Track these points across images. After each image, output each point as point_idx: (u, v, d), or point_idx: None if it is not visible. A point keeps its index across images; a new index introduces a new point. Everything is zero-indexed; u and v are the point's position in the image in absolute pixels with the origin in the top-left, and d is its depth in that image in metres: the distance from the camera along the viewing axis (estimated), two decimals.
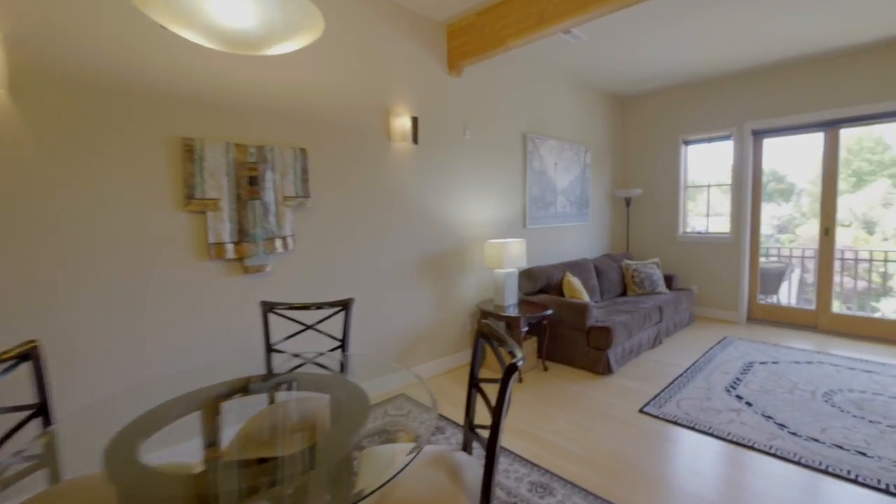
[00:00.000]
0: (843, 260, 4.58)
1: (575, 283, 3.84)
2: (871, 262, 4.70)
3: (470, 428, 1.57)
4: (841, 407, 2.74)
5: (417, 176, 3.21)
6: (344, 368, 1.91)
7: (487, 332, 1.55)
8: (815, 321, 4.50)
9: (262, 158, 2.35)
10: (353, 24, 2.76)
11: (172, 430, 1.38)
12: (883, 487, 1.97)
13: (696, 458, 2.23)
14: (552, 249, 4.58)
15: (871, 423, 2.53)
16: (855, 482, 2.01)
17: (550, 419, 2.65)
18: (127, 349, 2.00)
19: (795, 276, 5.25)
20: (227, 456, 1.41)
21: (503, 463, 2.18)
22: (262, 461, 1.35)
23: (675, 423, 2.58)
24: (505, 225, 3.98)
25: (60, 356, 1.85)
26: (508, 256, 3.41)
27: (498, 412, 1.24)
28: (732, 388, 3.06)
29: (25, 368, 1.69)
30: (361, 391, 1.55)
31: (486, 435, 1.27)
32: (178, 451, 1.61)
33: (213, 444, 1.43)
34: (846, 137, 4.27)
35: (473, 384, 1.57)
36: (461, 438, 2.40)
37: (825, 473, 2.08)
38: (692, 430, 2.50)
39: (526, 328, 3.29)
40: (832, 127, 4.25)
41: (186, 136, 2.13)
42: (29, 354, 1.37)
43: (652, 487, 1.99)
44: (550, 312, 3.37)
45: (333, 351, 2.01)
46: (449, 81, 3.41)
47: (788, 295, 5.22)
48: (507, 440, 2.42)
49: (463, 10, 3.13)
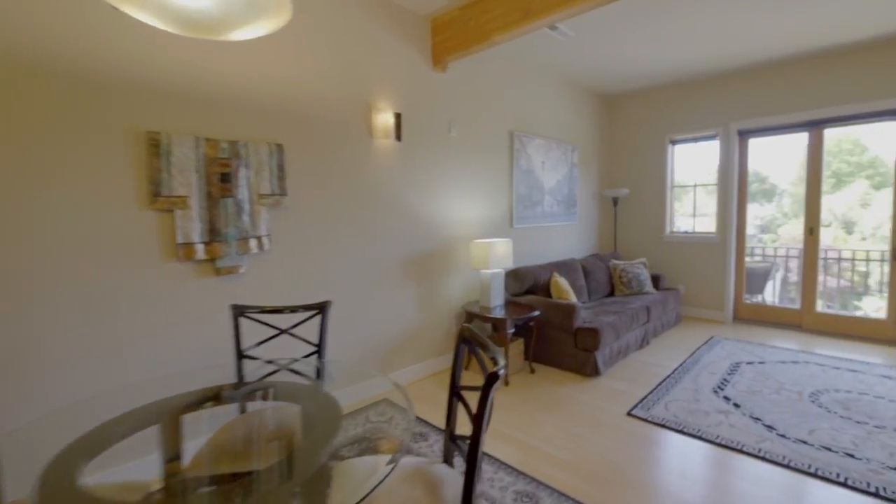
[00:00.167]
0: (825, 259, 4.61)
1: (562, 283, 3.78)
2: (853, 261, 4.74)
3: (451, 438, 1.49)
4: (828, 407, 2.72)
5: (401, 174, 3.11)
6: (319, 375, 1.81)
7: (469, 336, 1.47)
8: (799, 320, 4.52)
9: (234, 154, 2.24)
10: (332, 14, 2.66)
11: (128, 445, 1.27)
12: (872, 491, 1.94)
13: (685, 462, 2.17)
14: (539, 249, 4.52)
15: (857, 423, 2.52)
16: (844, 485, 1.98)
17: (537, 424, 2.58)
18: (85, 358, 1.87)
19: (780, 275, 5.28)
20: (187, 472, 1.31)
21: (488, 471, 2.10)
22: (226, 477, 1.26)
23: (663, 426, 2.53)
24: (492, 224, 3.91)
25: (10, 366, 1.72)
26: (495, 256, 3.33)
27: (478, 424, 1.16)
28: (720, 389, 3.03)
29: None
30: (333, 400, 1.46)
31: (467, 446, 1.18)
32: (133, 468, 1.50)
33: (173, 459, 1.32)
34: (826, 139, 4.29)
35: (454, 392, 1.49)
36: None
37: (814, 477, 2.04)
38: (681, 433, 2.45)
39: (513, 330, 3.22)
40: (816, 127, 4.26)
41: (152, 129, 2.00)
42: None
43: (640, 494, 1.93)
44: (537, 314, 3.30)
45: (309, 357, 1.90)
46: (433, 77, 3.33)
47: (773, 294, 5.25)
48: (492, 446, 2.34)
49: (447, 3, 3.04)
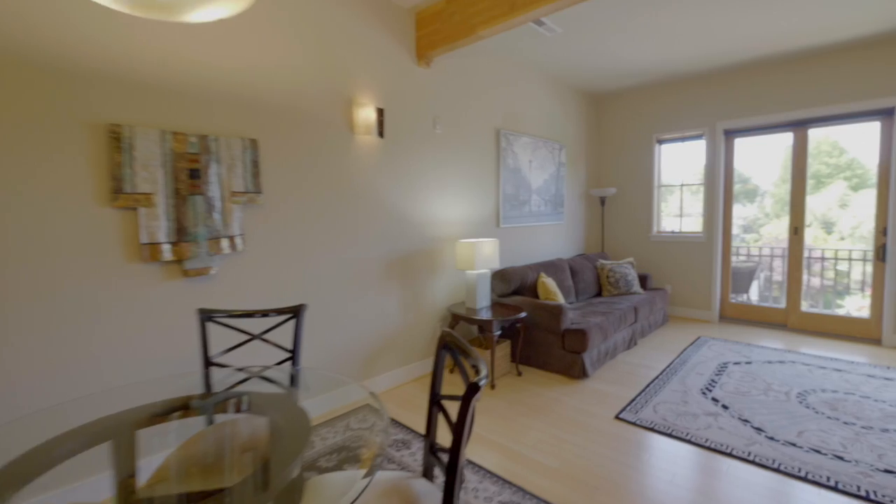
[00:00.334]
0: (809, 259, 4.64)
1: (549, 284, 3.72)
2: (836, 260, 4.78)
3: (431, 450, 1.40)
4: (815, 408, 2.70)
5: (384, 171, 3.01)
6: (292, 383, 1.70)
7: (450, 341, 1.38)
8: (784, 319, 4.53)
9: (204, 149, 2.12)
10: (309, 2, 2.55)
11: (76, 464, 1.15)
12: (862, 494, 1.90)
13: (674, 467, 2.12)
14: (526, 249, 4.46)
15: (845, 424, 2.49)
16: (835, 489, 1.94)
17: (524, 429, 2.50)
18: (38, 368, 1.74)
19: (764, 275, 5.31)
20: (141, 491, 1.20)
21: (472, 480, 2.01)
22: (185, 496, 1.15)
23: (652, 429, 2.48)
24: (478, 224, 3.83)
25: None
26: (480, 257, 3.25)
27: (458, 437, 1.07)
28: (708, 390, 2.99)
29: None
30: (301, 411, 1.36)
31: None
32: (81, 488, 1.38)
33: (127, 478, 1.21)
34: (808, 140, 4.32)
35: (435, 401, 1.40)
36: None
37: (805, 481, 2.00)
38: (669, 436, 2.40)
39: (499, 332, 3.14)
40: (801, 127, 4.28)
41: (113, 121, 1.87)
42: None
43: (629, 503, 1.87)
44: (524, 315, 3.23)
45: (282, 364, 1.80)
46: (418, 72, 3.23)
47: (758, 294, 5.28)
48: (477, 454, 2.25)
49: None
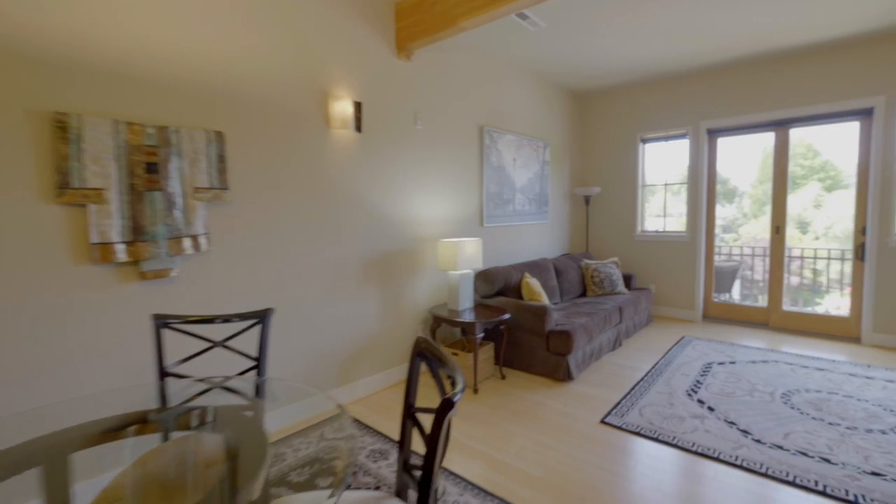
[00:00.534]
0: (789, 258, 4.66)
1: (534, 284, 3.64)
2: (815, 259, 4.82)
3: (405, 467, 1.29)
4: (800, 409, 2.67)
5: (362, 167, 2.89)
6: (256, 395, 1.57)
7: (425, 348, 1.27)
8: (766, 318, 4.55)
9: (163, 141, 1.96)
10: None
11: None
12: (851, 499, 1.86)
13: (661, 474, 2.05)
14: (511, 249, 4.38)
15: (830, 425, 2.47)
16: (823, 494, 1.89)
17: (507, 436, 2.41)
18: None
19: (753, 274, 5.34)
20: None
21: (453, 493, 1.91)
22: None
23: (638, 433, 2.41)
24: (461, 223, 3.73)
25: None
26: (463, 257, 3.15)
27: (431, 456, 0.96)
28: (694, 391, 2.95)
29: None
30: (259, 428, 1.23)
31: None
32: None
33: None
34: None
35: (409, 414, 1.29)
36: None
37: (793, 485, 1.95)
38: (656, 441, 2.33)
39: (482, 334, 3.04)
40: (783, 126, 4.29)
41: (58, 109, 1.71)
42: None
43: None
44: (508, 317, 3.14)
45: (245, 373, 1.66)
46: (398, 65, 3.11)
47: (739, 293, 5.30)
48: (459, 463, 2.15)
49: None
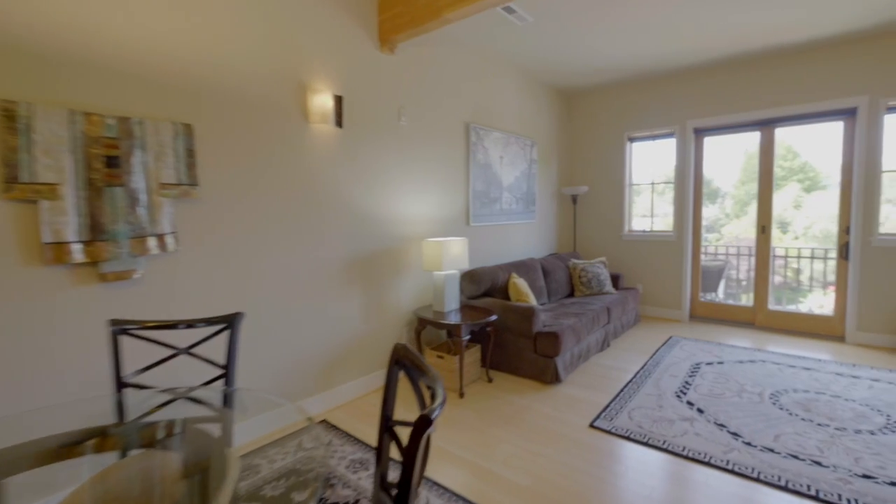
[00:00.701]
0: (774, 257, 4.69)
1: (521, 284, 3.57)
2: (798, 258, 4.86)
3: (382, 485, 1.19)
4: (789, 409, 2.64)
5: (343, 164, 2.77)
6: (224, 405, 1.46)
7: (403, 356, 1.18)
8: (752, 318, 4.56)
9: (126, 133, 1.83)
10: None
11: None
12: (843, 503, 1.82)
13: (652, 480, 1.98)
14: (497, 249, 4.30)
15: (819, 426, 2.44)
16: (816, 499, 1.85)
17: (494, 442, 2.33)
18: None
19: (736, 273, 5.36)
20: None
21: None
22: None
23: (627, 438, 2.35)
24: (447, 222, 3.64)
25: None
26: (449, 257, 3.06)
27: (407, 477, 0.87)
28: (682, 393, 2.90)
29: None
30: (221, 446, 1.13)
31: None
32: None
33: None
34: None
35: (386, 427, 1.19)
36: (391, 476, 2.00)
37: (785, 490, 1.90)
38: (646, 445, 2.27)
39: (468, 336, 2.96)
40: (768, 126, 4.30)
41: (6, 97, 1.57)
42: None
43: None
44: (495, 318, 3.06)
45: (210, 384, 1.54)
46: (381, 59, 3.01)
47: (723, 292, 5.32)
48: (443, 473, 2.06)
49: None
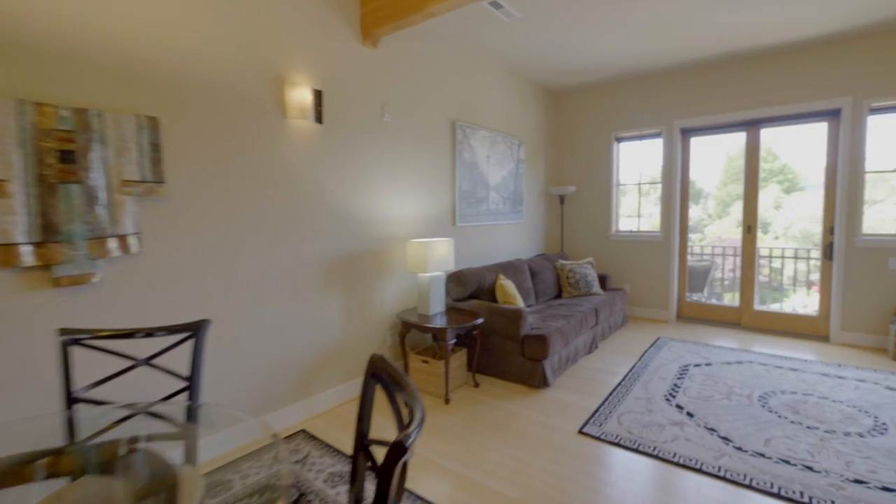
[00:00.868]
0: (759, 257, 4.70)
1: (508, 286, 3.49)
2: (783, 258, 4.88)
3: None
4: (778, 412, 2.61)
5: (323, 161, 2.66)
6: (190, 418, 1.34)
7: (380, 368, 1.08)
8: (738, 318, 4.56)
9: (82, 126, 1.69)
10: None
11: None
12: None
13: (643, 489, 1.92)
14: (484, 249, 4.22)
15: (808, 429, 2.41)
16: None
17: (480, 451, 2.24)
18: None
19: (718, 273, 5.38)
20: None
21: None
22: None
23: (617, 444, 2.28)
24: (432, 222, 3.54)
25: None
26: (434, 258, 2.97)
27: None
28: (672, 396, 2.86)
29: None
30: (170, 471, 1.01)
31: None
32: None
33: None
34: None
35: (361, 445, 1.09)
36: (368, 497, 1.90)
37: (778, 497, 1.85)
38: (636, 452, 2.21)
39: (454, 340, 2.87)
40: (754, 126, 4.30)
41: None
42: None
43: None
44: (481, 321, 2.98)
45: (173, 397, 1.42)
46: (363, 53, 2.90)
47: (707, 292, 5.33)
48: (427, 485, 1.96)
49: None
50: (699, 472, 2.04)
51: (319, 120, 2.60)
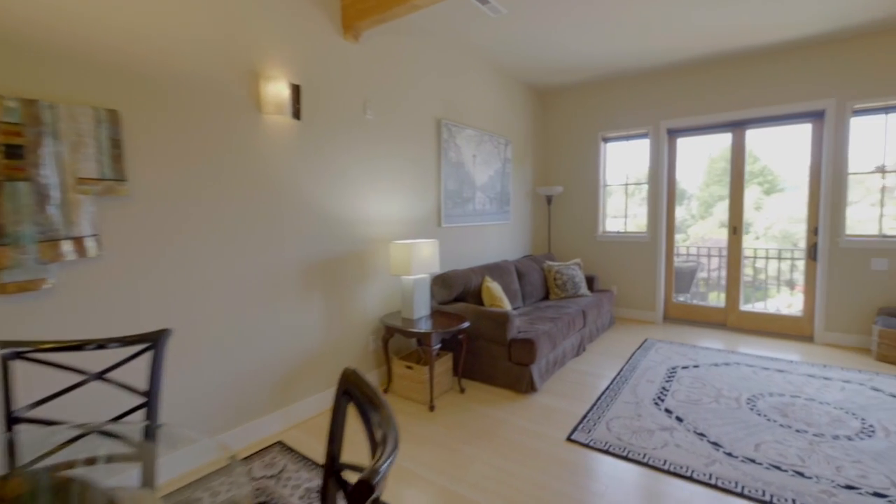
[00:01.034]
0: (744, 258, 4.71)
1: (495, 288, 3.41)
2: (766, 259, 4.91)
3: None
4: (766, 415, 2.58)
5: (301, 159, 2.54)
6: (149, 435, 1.22)
7: (353, 384, 0.99)
8: (724, 319, 4.56)
9: (32, 119, 1.55)
10: None
11: None
12: None
13: (633, 500, 1.85)
14: (470, 251, 4.14)
15: (798, 433, 2.38)
16: None
17: (465, 461, 2.15)
18: None
19: (703, 273, 5.39)
20: None
21: None
22: None
23: (607, 452, 2.22)
24: (417, 223, 3.44)
25: None
26: (418, 260, 2.87)
27: None
28: (660, 399, 2.81)
29: None
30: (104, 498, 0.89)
31: None
32: None
33: None
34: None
35: (332, 470, 0.99)
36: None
37: None
38: (626, 459, 2.14)
39: (439, 345, 2.77)
40: (739, 127, 4.31)
41: None
42: None
43: None
44: (467, 325, 2.89)
45: (127, 415, 1.30)
46: (344, 47, 2.79)
47: (691, 292, 5.34)
48: (409, 499, 1.87)
49: None
50: (690, 479, 1.98)
51: (297, 116, 2.48)
